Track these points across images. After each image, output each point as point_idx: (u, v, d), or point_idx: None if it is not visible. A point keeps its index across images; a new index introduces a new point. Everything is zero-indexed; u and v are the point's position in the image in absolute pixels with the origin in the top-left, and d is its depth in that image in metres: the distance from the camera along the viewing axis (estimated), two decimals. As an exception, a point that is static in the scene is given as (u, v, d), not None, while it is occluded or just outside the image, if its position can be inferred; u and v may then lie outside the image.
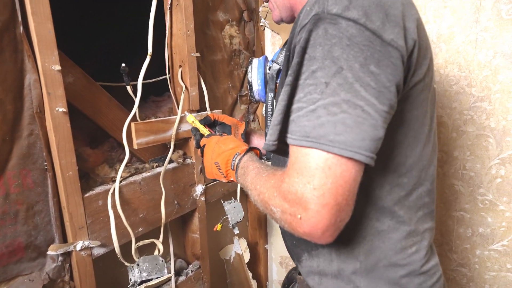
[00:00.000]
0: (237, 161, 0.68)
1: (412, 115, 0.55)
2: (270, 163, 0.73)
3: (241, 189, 1.31)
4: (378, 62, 0.46)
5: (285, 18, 0.75)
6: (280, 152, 0.54)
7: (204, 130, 0.85)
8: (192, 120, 0.88)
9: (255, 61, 0.79)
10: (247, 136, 0.93)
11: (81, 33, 1.29)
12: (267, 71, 0.78)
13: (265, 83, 0.80)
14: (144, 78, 0.94)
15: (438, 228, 1.13)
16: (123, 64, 0.82)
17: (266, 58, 0.80)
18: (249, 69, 0.78)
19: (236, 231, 1.19)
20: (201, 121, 0.88)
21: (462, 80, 0.99)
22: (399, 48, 0.48)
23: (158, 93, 1.20)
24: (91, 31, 1.35)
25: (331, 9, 0.48)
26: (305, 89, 0.48)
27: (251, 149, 0.71)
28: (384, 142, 0.48)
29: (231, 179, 0.71)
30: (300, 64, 0.49)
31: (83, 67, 0.86)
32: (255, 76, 0.77)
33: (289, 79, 0.50)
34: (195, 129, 0.87)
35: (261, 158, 0.72)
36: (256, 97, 0.82)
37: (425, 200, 0.61)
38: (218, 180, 0.75)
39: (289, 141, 0.49)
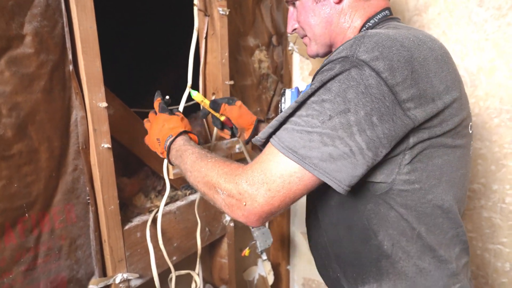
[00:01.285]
0: (168, 143, 0.73)
1: (444, 160, 0.58)
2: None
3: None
4: (381, 116, 0.51)
5: (321, 54, 0.77)
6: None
7: (215, 113, 0.84)
8: (202, 100, 0.86)
9: (288, 93, 0.79)
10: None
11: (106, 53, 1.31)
12: None
13: None
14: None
15: (474, 261, 1.10)
16: (167, 97, 0.83)
17: (298, 89, 0.80)
18: (283, 100, 0.78)
19: (264, 257, 1.18)
20: (210, 105, 0.87)
21: (503, 113, 0.97)
22: (405, 109, 0.52)
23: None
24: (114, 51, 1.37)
25: (360, 55, 0.52)
26: (308, 110, 0.53)
27: (185, 132, 0.75)
28: (418, 186, 0.57)
29: (165, 157, 0.75)
30: (315, 90, 0.54)
31: (112, 89, 0.85)
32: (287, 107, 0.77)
33: (299, 98, 0.55)
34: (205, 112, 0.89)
35: (198, 143, 0.77)
36: None
37: (461, 238, 0.64)
38: None
39: (272, 142, 0.55)
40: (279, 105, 0.78)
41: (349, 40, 0.55)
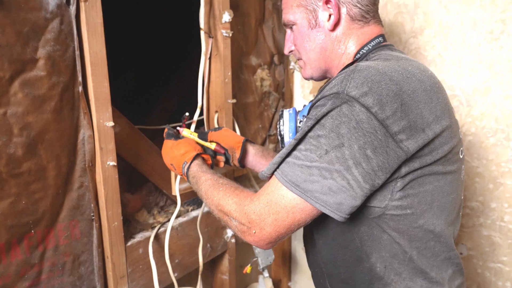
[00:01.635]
0: (185, 169, 0.79)
1: (435, 186, 0.60)
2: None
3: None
4: (375, 149, 0.53)
5: (316, 77, 0.79)
6: None
7: (205, 143, 0.86)
8: (190, 134, 0.87)
9: (286, 114, 0.81)
10: (246, 156, 0.91)
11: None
12: (298, 124, 0.80)
13: None
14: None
15: (475, 280, 1.10)
16: (187, 114, 0.89)
17: (295, 110, 0.82)
18: (281, 122, 0.79)
19: (266, 274, 1.18)
20: (199, 136, 0.89)
21: (499, 132, 0.99)
22: (398, 141, 0.54)
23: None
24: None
25: (350, 91, 0.54)
26: (307, 145, 0.57)
27: (198, 156, 0.80)
28: (410, 211, 0.59)
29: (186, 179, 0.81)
30: (311, 127, 0.57)
31: (117, 107, 0.87)
32: (286, 129, 0.79)
33: (297, 135, 0.59)
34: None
35: (212, 163, 0.84)
36: None
37: (454, 260, 0.65)
38: None
39: (276, 176, 0.59)
40: (278, 126, 0.80)
41: (341, 74, 0.58)
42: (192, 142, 0.84)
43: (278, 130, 0.79)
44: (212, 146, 0.87)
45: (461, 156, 0.65)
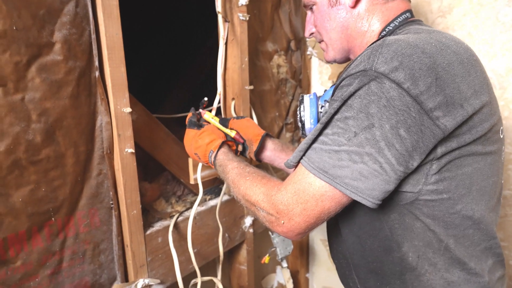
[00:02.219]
0: (212, 158, 0.77)
1: (474, 168, 0.55)
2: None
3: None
4: (409, 128, 0.50)
5: (339, 59, 0.76)
6: None
7: (225, 130, 0.85)
8: (212, 118, 0.86)
9: (307, 99, 0.77)
10: (263, 151, 0.88)
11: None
12: (319, 109, 0.76)
13: (318, 121, 0.78)
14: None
15: (507, 272, 1.04)
16: (205, 98, 0.86)
17: (316, 95, 0.78)
18: (301, 108, 0.76)
19: (285, 264, 1.16)
20: (220, 122, 0.87)
21: (535, 116, 0.93)
22: (434, 118, 0.50)
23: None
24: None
25: (378, 67, 0.50)
26: (334, 128, 0.53)
27: (224, 143, 0.78)
28: (446, 196, 0.55)
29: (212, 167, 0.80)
30: (337, 109, 0.54)
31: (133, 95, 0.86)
32: (307, 115, 0.75)
33: (323, 118, 0.55)
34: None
35: (236, 149, 0.83)
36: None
37: (495, 250, 0.61)
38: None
39: (303, 163, 0.56)
40: (298, 112, 0.76)
41: (368, 49, 0.54)
42: (215, 130, 0.82)
43: (298, 116, 0.76)
44: (232, 134, 0.85)
45: (501, 136, 0.61)
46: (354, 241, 0.67)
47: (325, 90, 0.78)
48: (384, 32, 0.66)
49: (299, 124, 0.77)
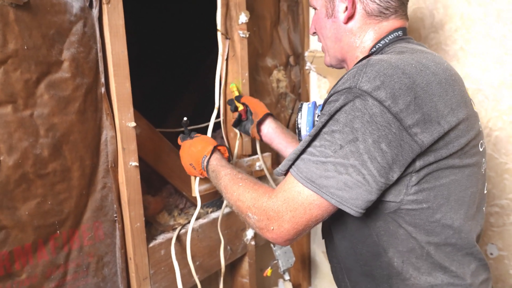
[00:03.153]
0: (205, 163, 0.80)
1: (451, 180, 0.59)
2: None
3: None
4: (390, 142, 0.53)
5: (334, 65, 0.81)
6: None
7: (237, 103, 0.99)
8: (234, 90, 1.01)
9: (305, 107, 0.80)
10: (265, 124, 0.97)
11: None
12: (316, 118, 0.79)
13: None
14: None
15: (507, 281, 1.05)
16: (185, 118, 0.88)
17: (315, 104, 0.81)
18: (299, 116, 0.79)
19: (287, 277, 1.16)
20: (236, 97, 1.00)
21: (529, 127, 0.95)
22: (412, 134, 0.53)
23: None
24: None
25: (362, 86, 0.54)
26: (321, 141, 0.57)
27: (215, 148, 0.82)
28: (425, 205, 0.58)
29: (206, 176, 0.82)
30: (325, 123, 0.57)
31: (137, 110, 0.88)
32: (304, 122, 0.78)
33: (312, 131, 0.59)
34: (231, 101, 1.01)
35: (229, 156, 0.85)
36: None
37: (476, 256, 0.64)
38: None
39: (292, 173, 0.59)
40: (296, 120, 0.79)
41: (353, 68, 0.58)
42: (206, 138, 0.86)
43: (296, 123, 0.79)
44: (240, 107, 0.95)
45: (481, 149, 0.64)
46: (346, 246, 0.70)
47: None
48: (374, 48, 0.69)
49: (297, 131, 0.80)
